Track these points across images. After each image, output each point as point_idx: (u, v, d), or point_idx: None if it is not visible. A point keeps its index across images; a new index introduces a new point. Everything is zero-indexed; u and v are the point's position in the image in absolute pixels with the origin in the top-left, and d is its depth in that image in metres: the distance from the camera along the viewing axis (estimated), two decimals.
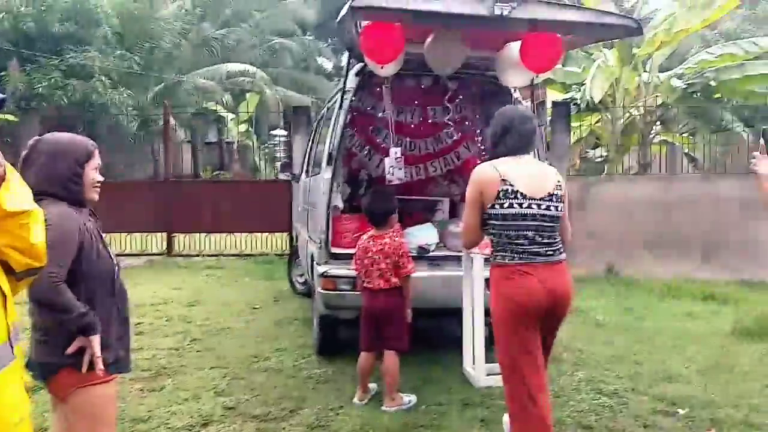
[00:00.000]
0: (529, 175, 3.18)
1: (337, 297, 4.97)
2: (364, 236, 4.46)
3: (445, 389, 4.63)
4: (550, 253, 3.15)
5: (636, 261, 9.30)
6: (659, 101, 11.01)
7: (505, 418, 3.56)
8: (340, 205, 5.32)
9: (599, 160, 12.50)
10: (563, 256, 3.21)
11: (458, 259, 4.97)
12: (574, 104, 10.38)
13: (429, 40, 4.59)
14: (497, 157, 3.27)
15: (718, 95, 10.73)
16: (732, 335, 5.98)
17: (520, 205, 3.10)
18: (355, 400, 4.44)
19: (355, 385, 4.55)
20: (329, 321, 5.27)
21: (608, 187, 9.78)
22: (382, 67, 4.65)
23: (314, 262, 5.32)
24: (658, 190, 9.66)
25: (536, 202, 3.12)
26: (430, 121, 6.37)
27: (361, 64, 5.14)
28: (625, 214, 9.46)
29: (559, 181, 3.24)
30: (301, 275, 8.04)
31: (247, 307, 7.35)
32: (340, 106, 5.13)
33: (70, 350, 2.31)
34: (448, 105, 6.25)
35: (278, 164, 18.03)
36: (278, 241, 11.27)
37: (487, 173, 3.17)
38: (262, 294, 8.13)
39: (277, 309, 7.30)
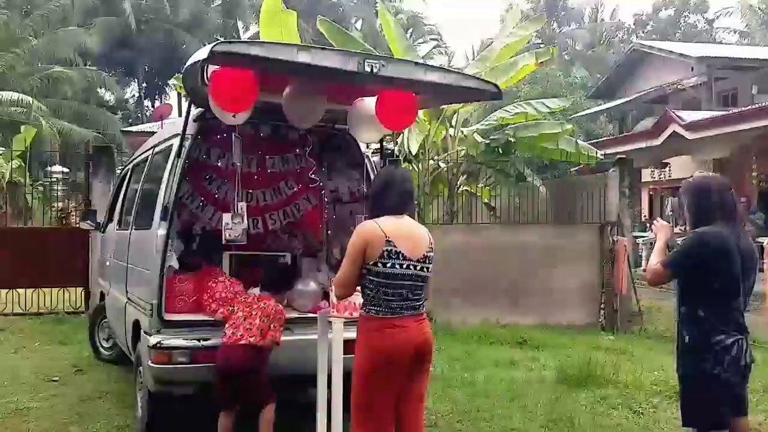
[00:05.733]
0: (409, 236, 3.35)
1: (171, 371, 4.39)
2: (251, 290, 4.49)
3: None
4: (416, 307, 3.35)
5: (450, 308, 9.58)
6: (464, 154, 11.68)
7: None
8: (176, 265, 4.74)
9: None
10: (425, 309, 3.43)
11: (309, 321, 4.64)
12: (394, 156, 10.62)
13: (288, 91, 4.29)
14: (377, 215, 3.39)
15: (516, 150, 11.64)
16: (559, 383, 6.28)
17: (401, 265, 3.27)
18: None
19: None
20: (160, 399, 4.61)
21: None
22: (233, 116, 4.25)
23: (142, 331, 4.68)
24: (467, 238, 10.12)
25: (413, 263, 3.30)
26: (269, 171, 5.99)
27: (201, 109, 4.69)
28: (439, 262, 9.73)
29: (431, 243, 3.44)
30: (108, 339, 7.10)
31: (43, 380, 6.26)
32: (178, 155, 4.60)
33: None
34: (288, 155, 5.95)
35: (57, 205, 16.18)
36: (71, 297, 9.91)
37: (372, 231, 3.29)
38: (59, 362, 6.99)
39: (82, 381, 6.31)
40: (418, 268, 3.32)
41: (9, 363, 6.93)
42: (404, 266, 3.27)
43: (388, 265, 3.25)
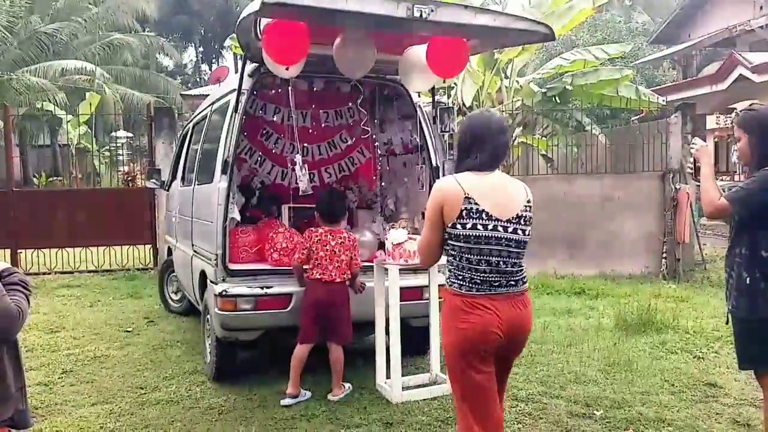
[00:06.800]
0: (496, 193, 2.81)
1: (237, 318, 4.61)
2: (319, 230, 4.59)
3: (360, 409, 4.42)
4: (513, 283, 2.81)
5: None
6: (519, 105, 11.48)
7: None
8: (237, 217, 4.91)
9: None
10: (526, 285, 2.88)
11: (365, 270, 4.76)
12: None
13: (338, 42, 4.34)
14: (463, 170, 2.85)
15: (573, 98, 11.36)
16: (617, 330, 6.27)
17: (485, 227, 2.75)
18: (286, 401, 4.47)
19: (264, 411, 4.32)
20: (227, 344, 4.85)
21: None
22: (287, 69, 4.33)
23: (208, 281, 4.89)
24: None
25: (503, 224, 2.78)
26: (323, 125, 6.09)
27: (255, 64, 4.79)
28: None
29: (528, 201, 2.89)
30: (176, 292, 7.43)
31: (118, 331, 6.63)
32: (235, 109, 4.72)
33: None
34: (341, 108, 6.01)
35: (123, 169, 16.83)
36: (140, 254, 10.37)
37: (449, 188, 2.80)
38: (131, 314, 7.39)
39: (154, 331, 6.65)
40: (510, 230, 2.78)
41: (86, 316, 7.34)
42: (489, 227, 2.75)
43: (468, 225, 2.74)
